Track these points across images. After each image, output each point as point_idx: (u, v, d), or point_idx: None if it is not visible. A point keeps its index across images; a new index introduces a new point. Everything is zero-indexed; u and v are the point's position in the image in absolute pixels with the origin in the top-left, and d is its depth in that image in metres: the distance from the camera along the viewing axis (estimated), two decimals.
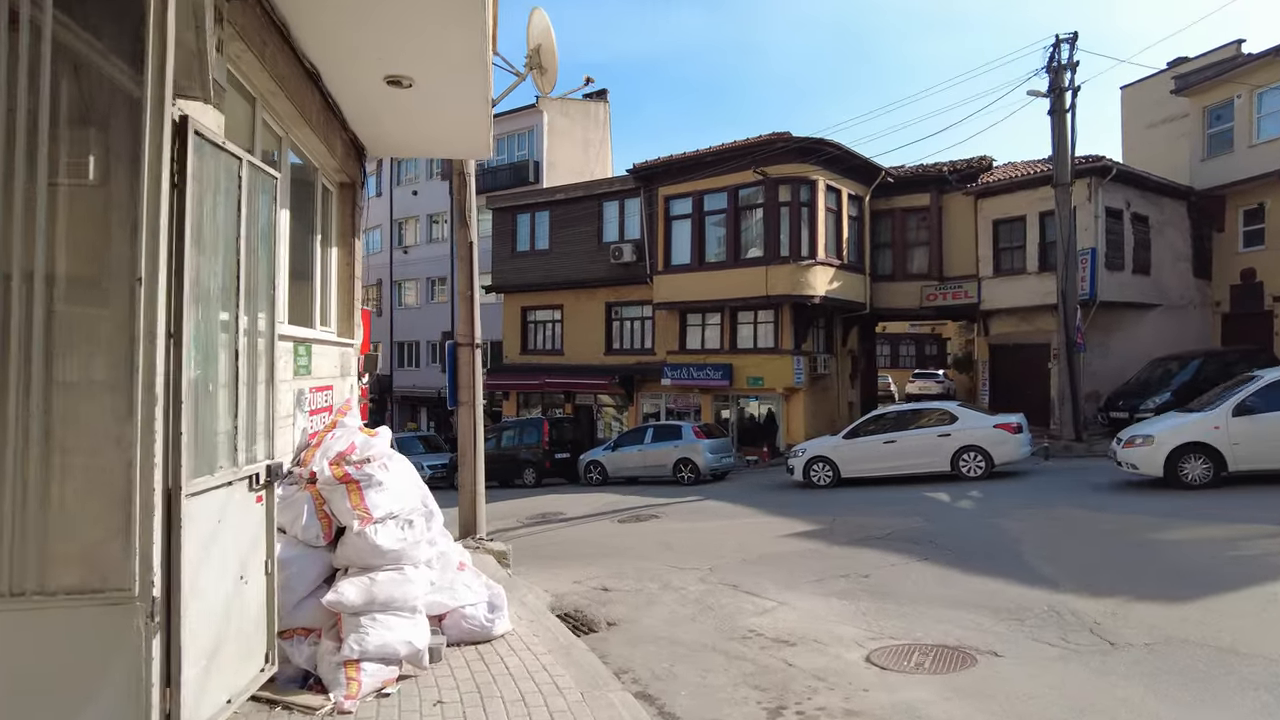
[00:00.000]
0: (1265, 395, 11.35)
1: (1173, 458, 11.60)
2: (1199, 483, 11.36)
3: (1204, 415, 11.72)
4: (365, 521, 4.44)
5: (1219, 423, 11.38)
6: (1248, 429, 11.16)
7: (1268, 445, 11.08)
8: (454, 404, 9.11)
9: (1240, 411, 11.27)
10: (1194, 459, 11.47)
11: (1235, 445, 11.22)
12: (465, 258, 9.10)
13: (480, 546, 8.38)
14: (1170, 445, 11.65)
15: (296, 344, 5.48)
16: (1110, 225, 20.74)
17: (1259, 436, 11.09)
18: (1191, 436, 11.58)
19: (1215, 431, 11.36)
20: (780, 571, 8.61)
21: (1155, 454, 11.75)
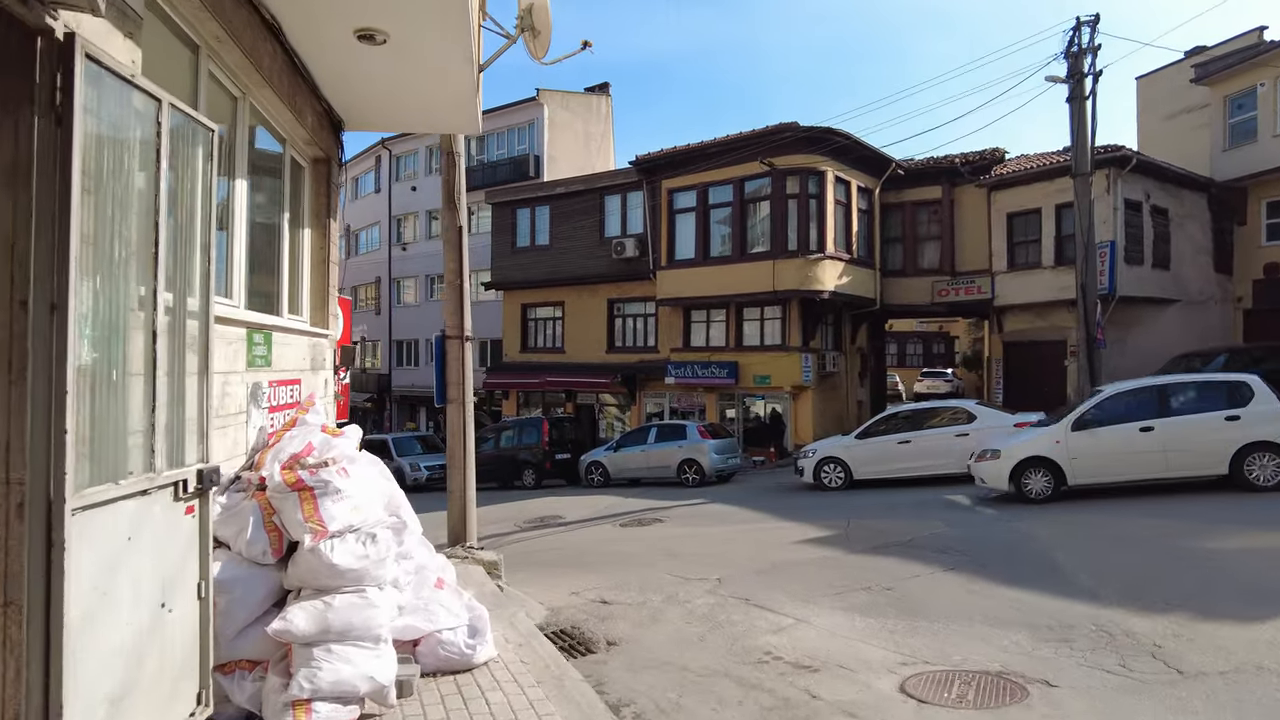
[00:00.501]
0: (1103, 409, 11.45)
1: (1017, 472, 11.60)
2: (1039, 497, 11.41)
3: (1048, 430, 11.79)
4: (319, 536, 3.79)
5: (1059, 437, 11.44)
6: (1086, 444, 11.25)
7: (1103, 460, 11.21)
8: (442, 401, 8.46)
9: (1079, 426, 11.33)
10: (1036, 473, 11.48)
11: (1074, 460, 11.29)
12: (454, 243, 8.46)
13: (469, 556, 7.73)
14: (1015, 459, 11.65)
15: (252, 331, 4.83)
16: (1129, 218, 20.04)
17: (1095, 451, 11.21)
18: (1034, 451, 11.59)
19: (1056, 446, 11.41)
20: (795, 583, 7.95)
21: (1002, 468, 11.75)
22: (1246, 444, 10.47)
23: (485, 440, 22.63)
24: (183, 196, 3.32)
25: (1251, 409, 10.58)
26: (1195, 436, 10.76)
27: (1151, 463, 10.96)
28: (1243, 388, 10.84)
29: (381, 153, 36.94)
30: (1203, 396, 11.16)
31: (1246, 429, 10.51)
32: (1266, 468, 10.44)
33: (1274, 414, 10.45)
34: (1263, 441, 10.42)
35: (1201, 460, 10.76)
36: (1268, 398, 10.62)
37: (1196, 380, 11.75)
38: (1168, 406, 11.13)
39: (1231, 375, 11.59)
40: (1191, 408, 11.09)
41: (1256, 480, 10.42)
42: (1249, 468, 10.49)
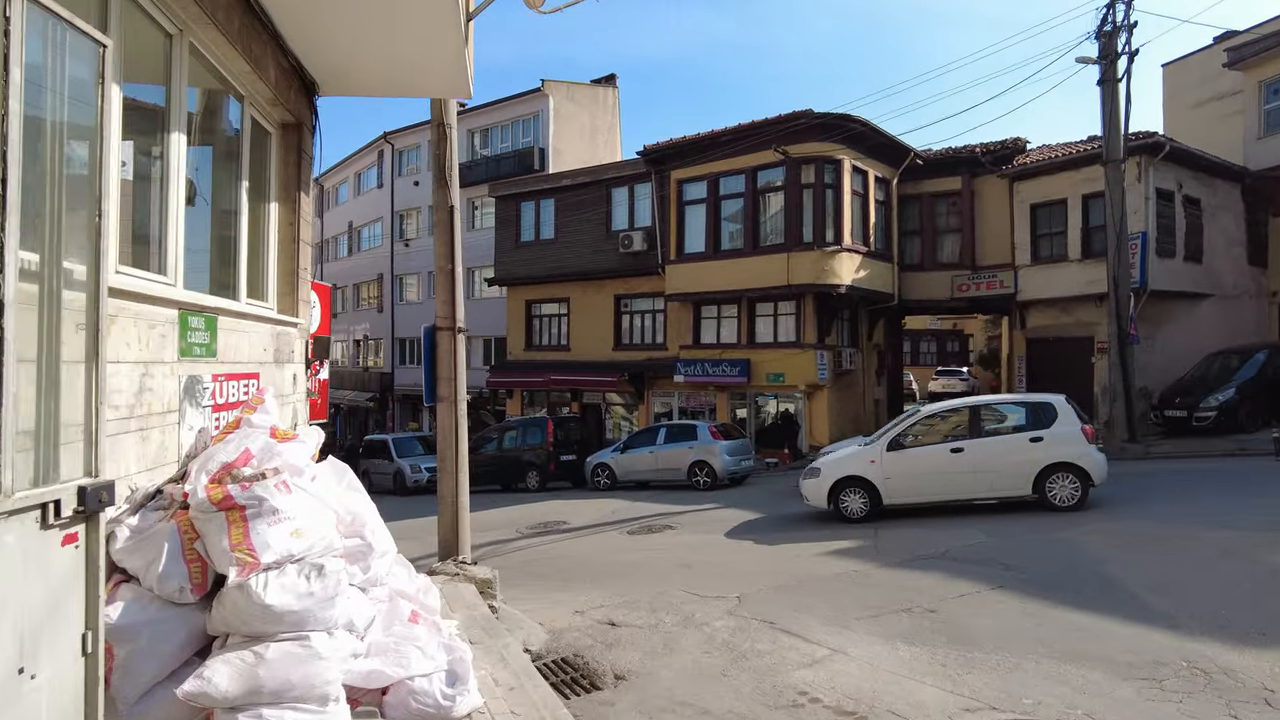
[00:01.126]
0: (914, 430, 11.50)
1: (835, 491, 11.57)
2: (856, 517, 11.33)
3: (866, 449, 11.79)
4: (247, 568, 2.97)
5: (875, 457, 11.43)
6: (900, 464, 11.23)
7: (917, 480, 11.19)
8: (431, 399, 7.65)
9: (894, 446, 11.35)
10: (853, 493, 11.45)
11: (888, 480, 11.27)
12: (445, 225, 7.65)
13: (460, 573, 6.91)
14: (833, 478, 11.62)
15: (189, 313, 4.02)
16: (1161, 208, 19.10)
17: (909, 471, 11.19)
18: (851, 470, 11.56)
19: (872, 466, 11.40)
20: (824, 602, 7.11)
21: (822, 486, 11.70)
22: (1048, 465, 10.53)
23: (488, 441, 21.85)
24: (56, 130, 2.51)
25: (1054, 430, 10.64)
26: (1002, 457, 10.83)
27: (962, 483, 11.02)
28: (1047, 409, 10.92)
29: (384, 147, 36.21)
30: (1011, 417, 11.29)
31: (1048, 450, 10.57)
32: (1065, 488, 10.46)
33: (1074, 435, 10.51)
34: (1062, 462, 10.47)
35: (1009, 481, 10.78)
36: (1070, 419, 10.67)
37: (1006, 401, 11.93)
38: (978, 427, 11.24)
39: (1038, 396, 11.66)
40: (1000, 429, 11.26)
41: (1056, 500, 10.45)
42: (1050, 488, 10.52)
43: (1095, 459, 10.43)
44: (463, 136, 32.15)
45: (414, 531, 15.24)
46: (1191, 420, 16.83)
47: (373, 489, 23.01)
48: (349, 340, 41.11)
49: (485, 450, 21.37)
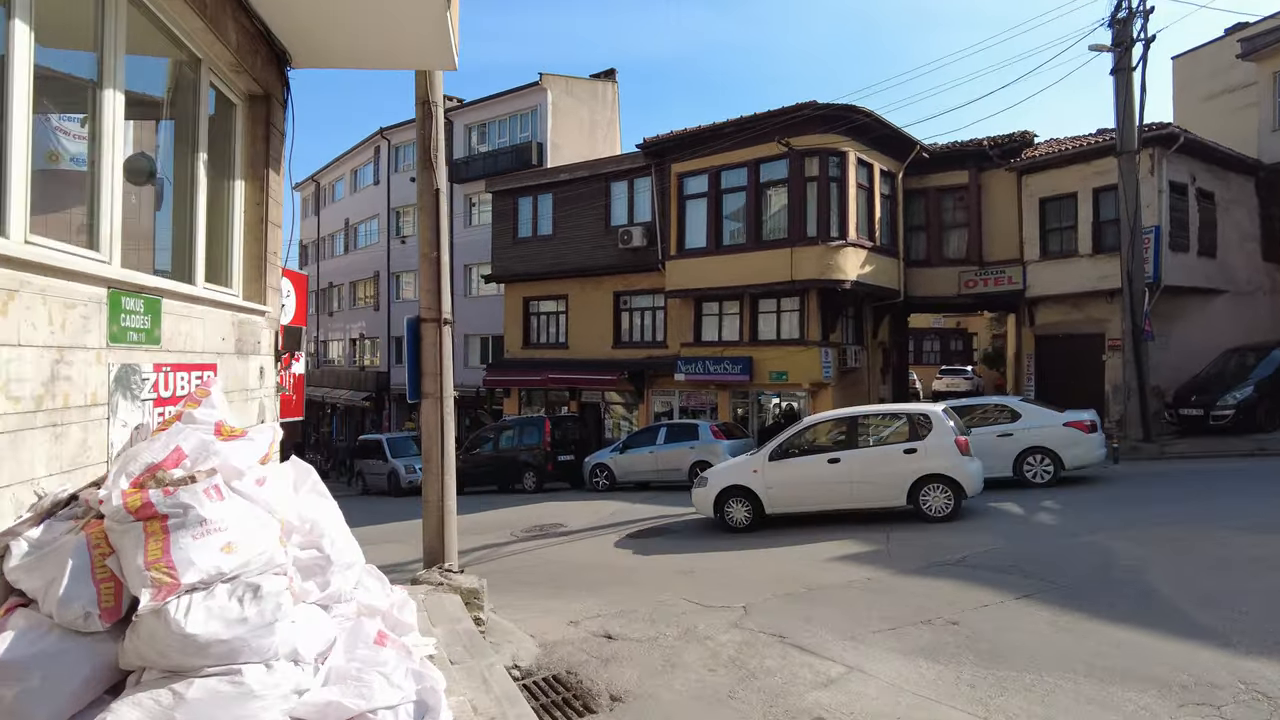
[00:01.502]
0: (797, 440, 11.59)
1: (720, 500, 11.57)
2: (740, 526, 11.37)
3: (750, 459, 11.86)
4: (164, 590, 2.48)
5: (758, 466, 11.48)
6: (781, 473, 11.30)
7: (797, 490, 11.27)
8: (415, 396, 7.14)
9: (776, 455, 11.42)
10: (737, 502, 11.48)
11: (769, 489, 11.31)
12: (430, 209, 7.15)
13: (445, 582, 6.41)
14: (719, 487, 11.63)
15: (121, 293, 3.53)
16: (1174, 201, 18.61)
17: (789, 481, 11.28)
18: (735, 480, 11.58)
19: (754, 475, 11.45)
20: (837, 613, 6.61)
21: (708, 496, 11.71)
22: (921, 476, 10.55)
23: (485, 441, 21.38)
24: None
25: (928, 442, 10.65)
26: (878, 468, 10.86)
27: (839, 493, 11.05)
28: (923, 420, 10.96)
29: (380, 143, 35.71)
30: (889, 428, 11.38)
31: (922, 461, 10.60)
32: (938, 499, 10.48)
33: (947, 447, 10.53)
34: (934, 474, 10.49)
35: (884, 492, 10.80)
36: (945, 431, 10.66)
37: (884, 412, 11.99)
38: (856, 439, 11.31)
39: (915, 407, 11.70)
40: (876, 440, 11.29)
41: (929, 511, 10.47)
42: (924, 499, 10.54)
43: (967, 471, 10.47)
44: (460, 132, 31.70)
45: (404, 534, 14.78)
46: (1208, 419, 16.34)
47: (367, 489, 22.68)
48: (345, 339, 40.63)
49: (481, 450, 20.90)
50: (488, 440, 21.18)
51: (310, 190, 45.27)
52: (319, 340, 43.99)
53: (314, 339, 44.51)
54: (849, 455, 11.04)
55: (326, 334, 42.99)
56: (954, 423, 10.96)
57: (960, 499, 10.43)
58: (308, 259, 46.09)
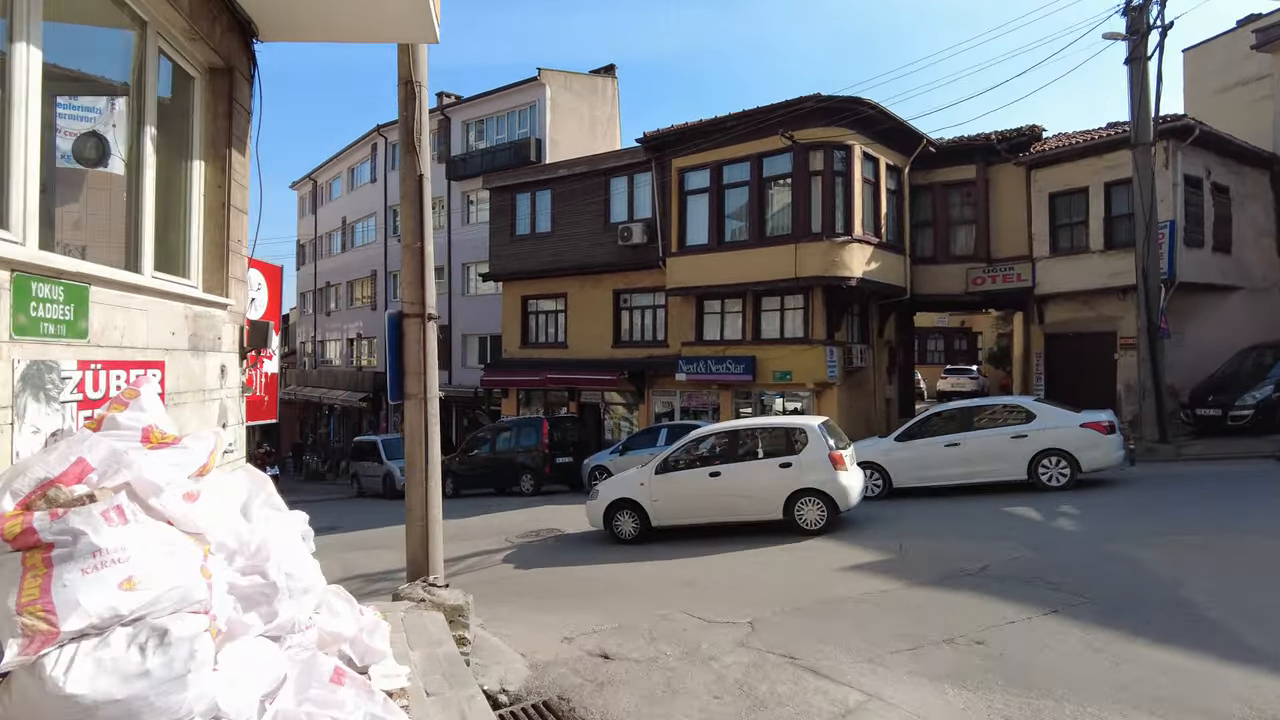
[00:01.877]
0: (682, 454, 11.72)
1: (610, 513, 11.72)
2: (627, 539, 11.52)
3: (639, 472, 11.96)
4: (37, 640, 2.00)
5: (645, 480, 11.60)
6: (665, 487, 11.40)
7: (679, 503, 11.35)
8: (397, 397, 6.67)
9: (662, 469, 11.55)
10: (625, 515, 11.61)
11: (655, 502, 11.42)
12: (413, 196, 6.66)
13: (428, 598, 5.93)
14: (609, 500, 11.79)
15: (31, 279, 3.05)
16: (1189, 195, 18.12)
17: (673, 494, 11.38)
18: (624, 493, 11.71)
19: (642, 488, 11.55)
20: (852, 631, 6.13)
21: (598, 509, 11.89)
22: (796, 490, 10.62)
23: (481, 442, 20.91)
24: None
25: (803, 456, 10.73)
26: (756, 481, 10.92)
27: (721, 506, 11.12)
28: (800, 434, 10.98)
29: (377, 140, 35.25)
30: (769, 442, 11.39)
31: (797, 475, 10.67)
32: (812, 513, 10.54)
33: (821, 462, 10.58)
34: (809, 488, 10.57)
35: (762, 505, 10.84)
36: (820, 446, 10.71)
37: (764, 425, 11.88)
38: (736, 452, 11.38)
39: (794, 421, 11.67)
40: (755, 454, 11.34)
41: (804, 524, 10.51)
42: (799, 512, 10.59)
43: (840, 485, 10.52)
44: (457, 128, 31.25)
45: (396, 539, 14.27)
46: (1226, 419, 15.84)
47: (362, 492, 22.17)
48: (342, 339, 40.17)
49: (478, 453, 20.42)
50: (484, 442, 20.71)
51: (308, 189, 44.82)
52: (316, 340, 43.56)
53: (312, 339, 44.09)
54: (729, 469, 11.17)
55: (324, 334, 42.55)
56: (832, 437, 11.03)
57: (834, 513, 10.52)
58: (305, 258, 45.68)
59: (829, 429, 11.25)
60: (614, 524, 11.67)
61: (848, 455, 10.95)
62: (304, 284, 45.82)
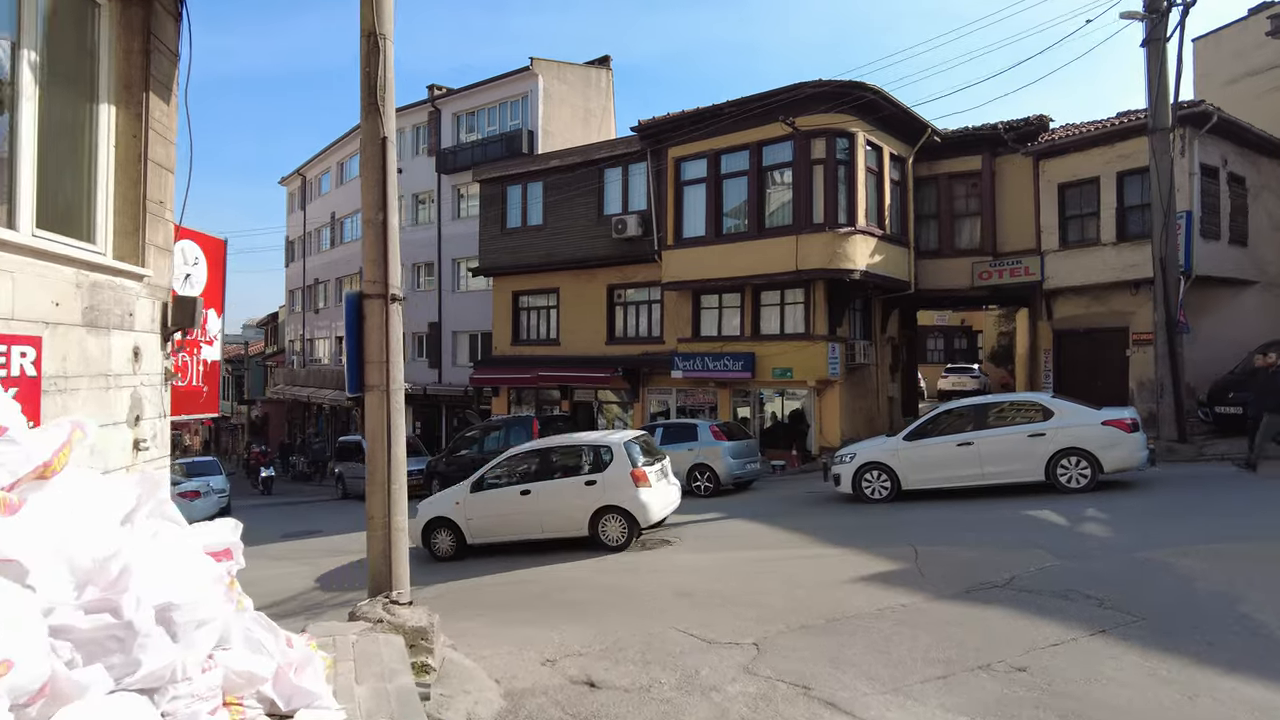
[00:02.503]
0: (494, 472, 11.86)
1: (427, 531, 11.84)
2: (444, 556, 11.66)
3: (456, 490, 12.03)
4: None
5: (460, 498, 11.70)
6: (479, 505, 11.46)
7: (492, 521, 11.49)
8: (356, 389, 5.90)
9: (476, 487, 11.63)
10: (441, 533, 11.73)
11: (469, 520, 11.54)
12: (375, 163, 5.89)
13: (386, 619, 5.17)
14: (426, 518, 11.85)
15: None
16: (1205, 185, 17.42)
17: (486, 512, 11.47)
18: (439, 511, 11.77)
19: (457, 507, 11.66)
20: (872, 654, 5.38)
21: (416, 526, 11.47)
22: (600, 507, 10.75)
23: (470, 442, 20.12)
24: None
25: (607, 474, 10.83)
26: (563, 499, 11.01)
27: (530, 523, 11.23)
28: (606, 451, 11.04)
29: None
30: (577, 459, 11.42)
31: (600, 493, 10.79)
32: (615, 529, 10.66)
33: (623, 479, 10.70)
34: (611, 505, 10.68)
35: (568, 522, 10.94)
36: (623, 463, 10.79)
37: (572, 443, 11.94)
38: (546, 470, 11.43)
39: (601, 438, 11.62)
40: (564, 471, 11.34)
41: (607, 541, 10.66)
42: (603, 529, 10.73)
43: (641, 502, 10.58)
44: (447, 120, 30.47)
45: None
46: (1247, 418, 15.08)
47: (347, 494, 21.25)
48: (331, 337, 39.32)
49: (466, 453, 19.62)
50: (472, 442, 19.92)
51: (297, 185, 43.98)
52: (305, 339, 42.72)
53: (300, 337, 43.24)
54: (539, 487, 11.26)
55: (313, 332, 41.71)
56: (642, 454, 11.12)
57: (635, 531, 10.62)
58: (294, 255, 44.84)
59: (640, 445, 11.36)
60: (431, 542, 11.72)
61: (653, 472, 11.04)
62: (293, 281, 44.97)
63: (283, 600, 10.00)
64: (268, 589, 11.04)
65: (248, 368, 54.62)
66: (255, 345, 57.51)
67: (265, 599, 10.08)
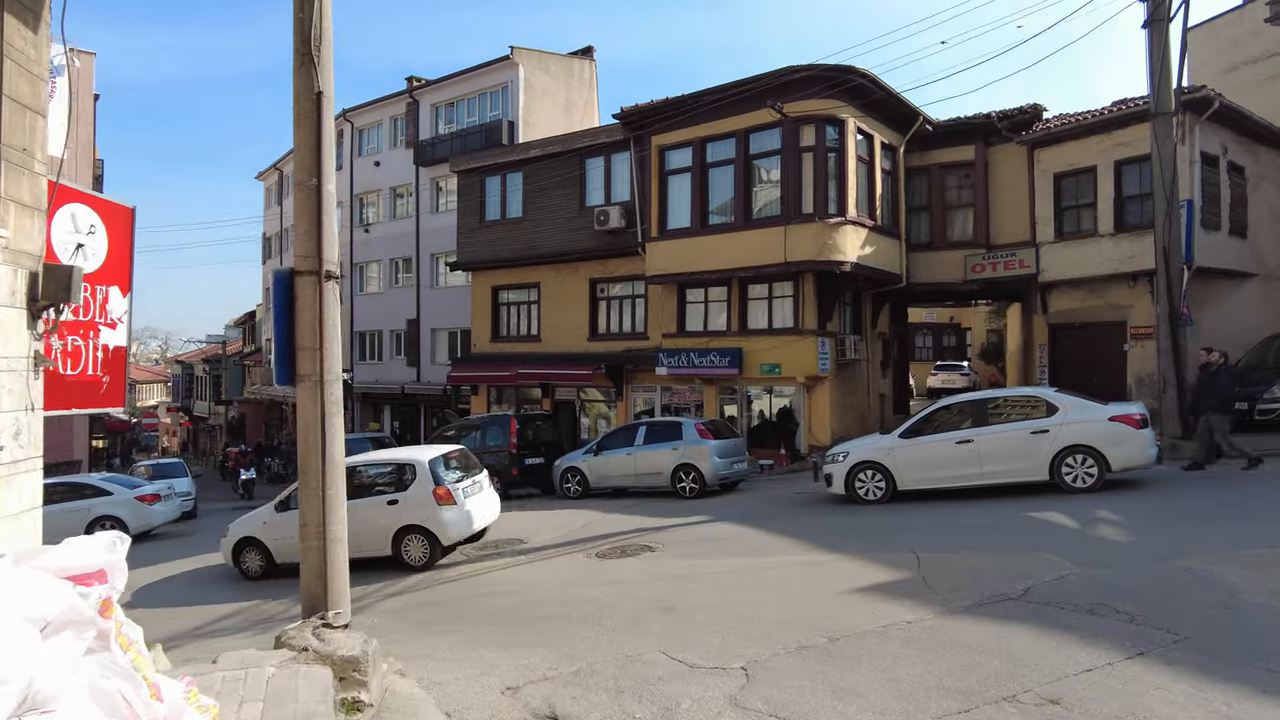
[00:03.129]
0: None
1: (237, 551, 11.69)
2: (255, 575, 11.53)
3: (262, 510, 11.86)
4: None
5: (267, 519, 11.48)
6: (284, 526, 10.98)
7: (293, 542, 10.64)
8: (286, 379, 5.14)
9: (280, 507, 11.37)
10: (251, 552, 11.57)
11: (276, 540, 11.29)
12: (309, 119, 5.12)
13: (312, 647, 4.39)
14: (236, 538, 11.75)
15: None
16: (1206, 174, 16.88)
17: (288, 535, 10.74)
18: (247, 531, 11.62)
19: (264, 527, 11.46)
20: (878, 681, 4.67)
21: (228, 545, 11.86)
22: (402, 526, 10.74)
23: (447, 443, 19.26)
24: None
25: (410, 493, 10.82)
26: (368, 518, 10.61)
27: None
28: (410, 470, 11.03)
29: (343, 126, 33.49)
30: (382, 478, 11.34)
31: (402, 512, 10.77)
32: (417, 549, 10.71)
33: (425, 498, 10.68)
34: (413, 524, 10.69)
35: (374, 541, 10.76)
36: (425, 481, 10.80)
37: (379, 460, 11.89)
38: (353, 487, 10.94)
39: (406, 456, 11.46)
40: (371, 489, 11.21)
41: (410, 561, 10.70)
42: (405, 549, 10.78)
43: (441, 520, 10.58)
44: (425, 112, 29.65)
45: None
46: (1254, 413, 14.56)
47: None
48: None
49: None
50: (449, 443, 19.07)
51: (273, 179, 42.94)
52: None
53: None
54: (356, 504, 11.00)
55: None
56: (444, 472, 11.04)
57: (436, 550, 10.61)
58: (271, 252, 43.80)
59: (448, 462, 11.30)
60: (241, 561, 11.53)
61: (461, 489, 10.95)
62: (269, 279, 43.91)
63: (230, 614, 9.20)
64: (219, 597, 10.24)
65: (225, 367, 53.49)
66: (234, 345, 56.30)
67: (209, 615, 9.29)
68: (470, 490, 11.22)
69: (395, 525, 10.77)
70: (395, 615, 8.30)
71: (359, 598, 9.19)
